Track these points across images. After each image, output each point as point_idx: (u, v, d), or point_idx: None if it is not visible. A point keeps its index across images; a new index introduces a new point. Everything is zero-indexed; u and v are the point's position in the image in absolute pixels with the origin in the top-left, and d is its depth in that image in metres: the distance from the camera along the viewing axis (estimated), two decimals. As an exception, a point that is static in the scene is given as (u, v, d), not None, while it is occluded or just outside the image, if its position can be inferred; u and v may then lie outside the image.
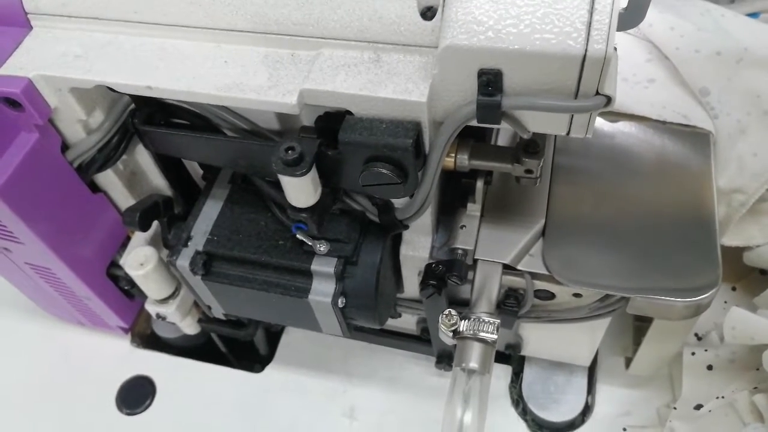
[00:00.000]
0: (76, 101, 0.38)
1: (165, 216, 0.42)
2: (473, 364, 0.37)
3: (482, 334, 0.37)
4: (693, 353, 0.45)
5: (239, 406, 0.51)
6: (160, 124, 0.40)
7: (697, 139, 0.45)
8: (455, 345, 0.38)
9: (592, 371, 0.50)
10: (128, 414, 0.51)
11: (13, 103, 0.36)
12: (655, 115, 0.45)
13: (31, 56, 0.37)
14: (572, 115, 0.32)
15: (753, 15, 0.55)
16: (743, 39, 0.46)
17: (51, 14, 0.38)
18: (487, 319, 0.38)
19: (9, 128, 0.37)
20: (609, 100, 0.31)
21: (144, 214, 0.41)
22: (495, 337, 0.37)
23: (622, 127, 0.45)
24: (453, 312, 0.37)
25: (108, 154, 0.42)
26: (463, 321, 0.38)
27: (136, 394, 0.52)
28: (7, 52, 0.37)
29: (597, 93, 0.31)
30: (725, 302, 0.51)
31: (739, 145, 0.46)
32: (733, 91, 0.45)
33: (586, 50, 0.29)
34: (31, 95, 0.36)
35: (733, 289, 0.52)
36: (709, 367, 0.44)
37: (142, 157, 0.44)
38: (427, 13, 0.32)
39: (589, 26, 0.29)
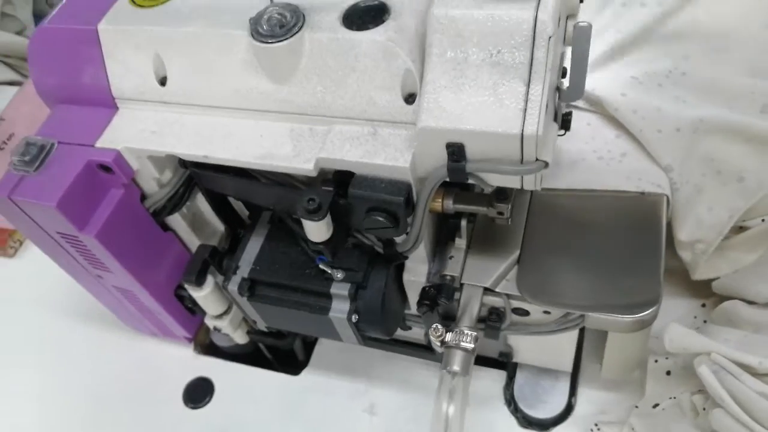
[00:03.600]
0: (152, 164, 0.49)
1: (214, 262, 0.53)
2: (456, 368, 0.46)
3: (463, 344, 0.47)
4: (656, 360, 0.53)
5: (280, 402, 0.61)
6: (206, 167, 0.49)
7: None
8: (442, 352, 0.48)
9: (575, 376, 0.58)
10: (192, 408, 0.62)
11: (106, 168, 0.48)
12: (633, 187, 0.51)
13: (119, 132, 0.48)
14: (522, 175, 0.41)
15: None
16: (700, 108, 0.53)
17: (132, 99, 0.48)
18: (467, 332, 0.47)
19: (103, 187, 0.48)
20: (546, 164, 0.40)
21: (198, 274, 0.52)
22: (473, 346, 0.46)
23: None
24: (439, 326, 0.47)
25: (175, 202, 0.52)
26: (448, 333, 0.47)
27: (198, 392, 0.63)
28: (101, 128, 0.48)
29: (537, 159, 0.40)
30: (695, 317, 0.59)
31: (697, 204, 0.53)
32: (690, 158, 0.52)
33: (522, 131, 0.38)
34: (119, 163, 0.47)
35: (703, 305, 0.59)
36: (668, 373, 0.52)
37: (202, 203, 0.55)
38: (409, 99, 0.42)
39: (525, 113, 0.38)
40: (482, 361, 0.59)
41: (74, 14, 0.49)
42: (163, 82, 0.47)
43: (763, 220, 0.53)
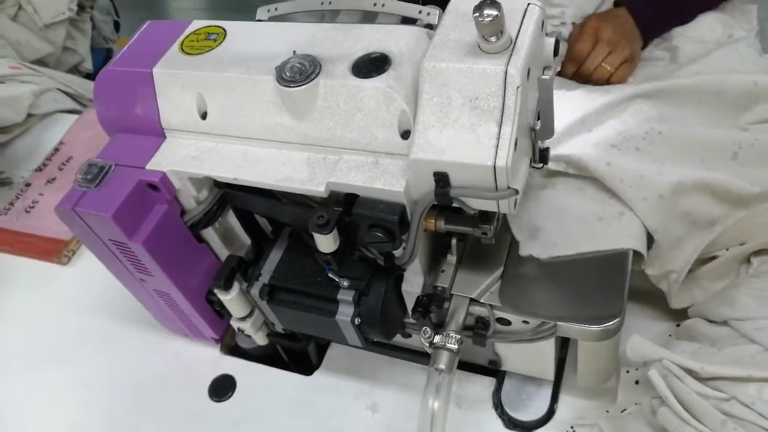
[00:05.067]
0: (191, 184, 0.57)
1: (240, 270, 0.61)
2: (441, 366, 0.53)
3: (449, 345, 0.53)
4: (627, 371, 0.59)
5: (294, 399, 0.67)
6: (237, 188, 0.57)
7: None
8: (431, 352, 0.55)
9: (557, 385, 0.64)
10: (216, 401, 0.69)
11: (153, 187, 0.57)
12: (640, 248, 0.56)
13: (165, 157, 0.56)
14: (497, 200, 0.49)
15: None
16: (678, 168, 0.58)
17: (177, 129, 0.57)
18: (453, 335, 0.54)
19: (150, 202, 0.56)
20: (517, 191, 0.47)
21: (226, 279, 0.60)
22: (457, 347, 0.53)
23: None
24: (428, 329, 0.54)
25: (210, 217, 0.60)
26: (436, 335, 0.54)
27: (222, 387, 0.69)
28: (151, 153, 0.56)
29: (508, 187, 0.48)
30: (669, 335, 0.65)
31: (674, 249, 0.58)
32: (672, 218, 0.58)
33: (495, 163, 0.46)
34: (164, 182, 0.55)
35: (677, 325, 0.65)
36: (636, 382, 0.58)
37: (232, 219, 0.64)
38: (405, 135, 0.50)
39: (497, 148, 0.46)
40: (474, 368, 0.66)
41: (134, 59, 0.58)
42: (204, 116, 0.56)
43: (727, 250, 0.60)
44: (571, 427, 0.60)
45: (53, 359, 0.77)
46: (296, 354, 0.73)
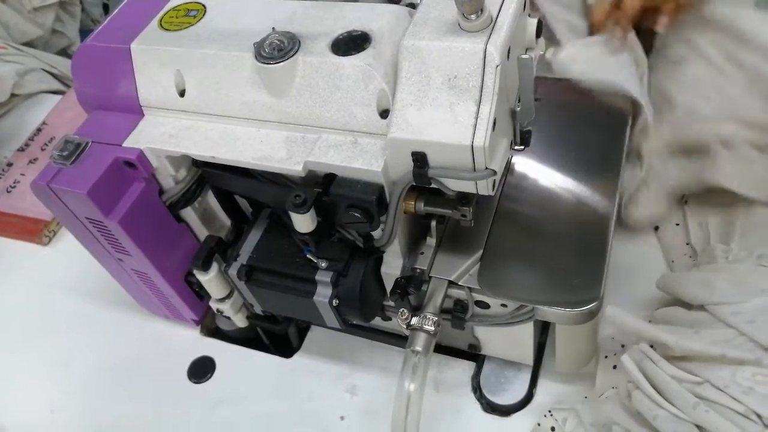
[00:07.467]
0: (169, 163, 0.57)
1: (218, 251, 0.60)
2: (418, 348, 0.53)
3: (426, 327, 0.53)
4: (606, 357, 0.59)
5: (273, 381, 0.67)
6: (215, 167, 0.57)
7: (604, 191, 0.59)
8: (408, 334, 0.55)
9: (536, 369, 0.64)
10: (195, 382, 0.68)
11: (130, 164, 0.56)
12: None
13: (143, 135, 0.55)
14: (475, 181, 0.49)
15: None
16: None
17: (156, 107, 0.56)
18: (430, 317, 0.54)
19: (127, 180, 0.56)
20: (494, 172, 0.47)
21: (204, 260, 0.60)
22: (434, 329, 0.53)
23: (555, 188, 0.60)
24: (406, 310, 0.54)
25: (188, 197, 0.60)
26: (414, 317, 0.54)
27: (201, 369, 0.69)
28: (128, 131, 0.56)
29: (486, 168, 0.47)
30: (650, 321, 0.65)
31: None
32: None
33: (472, 143, 0.45)
34: (141, 160, 0.54)
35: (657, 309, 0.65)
36: (614, 367, 0.58)
37: (212, 199, 0.63)
38: (383, 114, 0.50)
39: (475, 128, 0.45)
40: (453, 352, 0.66)
41: (112, 35, 0.58)
42: (182, 94, 0.55)
43: None
44: (549, 411, 0.60)
45: (32, 339, 0.77)
46: (276, 336, 0.73)
